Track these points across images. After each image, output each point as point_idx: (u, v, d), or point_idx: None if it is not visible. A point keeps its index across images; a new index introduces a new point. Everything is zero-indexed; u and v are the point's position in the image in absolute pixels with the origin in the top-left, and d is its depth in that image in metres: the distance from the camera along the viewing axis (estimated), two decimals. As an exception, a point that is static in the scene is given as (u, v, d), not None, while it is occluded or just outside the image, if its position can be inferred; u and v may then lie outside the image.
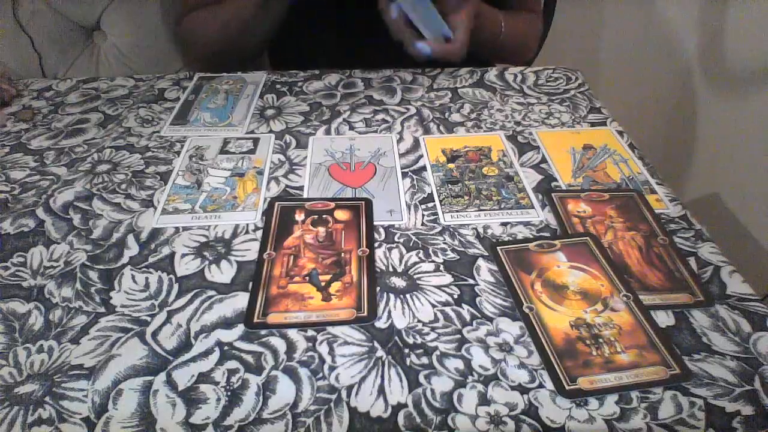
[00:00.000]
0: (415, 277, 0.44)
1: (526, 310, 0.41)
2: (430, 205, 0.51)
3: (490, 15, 0.74)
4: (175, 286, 0.43)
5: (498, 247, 0.46)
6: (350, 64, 0.75)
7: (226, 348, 0.38)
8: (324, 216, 0.49)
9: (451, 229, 0.48)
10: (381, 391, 0.36)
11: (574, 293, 0.42)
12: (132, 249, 0.46)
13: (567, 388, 0.35)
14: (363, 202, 0.51)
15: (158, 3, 0.87)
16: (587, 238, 0.46)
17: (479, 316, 0.41)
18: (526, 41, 0.83)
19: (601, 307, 0.41)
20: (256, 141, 0.60)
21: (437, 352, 0.38)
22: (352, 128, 0.63)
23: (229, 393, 0.36)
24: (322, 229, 0.48)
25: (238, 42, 0.75)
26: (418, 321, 0.40)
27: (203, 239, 0.47)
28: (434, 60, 0.67)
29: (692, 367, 0.37)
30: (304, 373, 0.37)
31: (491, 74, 0.73)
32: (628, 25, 1.31)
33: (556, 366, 0.37)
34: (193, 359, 0.38)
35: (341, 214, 0.50)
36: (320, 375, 0.37)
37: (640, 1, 1.28)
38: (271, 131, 0.62)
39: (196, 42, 0.78)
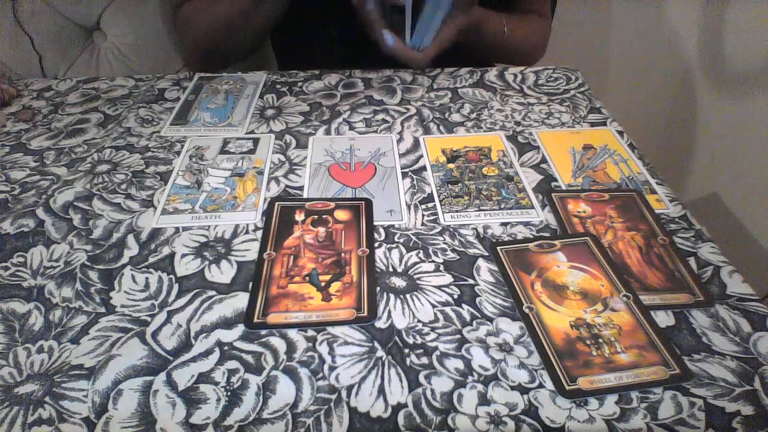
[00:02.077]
0: (415, 277, 0.44)
1: (526, 310, 0.41)
2: (430, 205, 0.51)
3: (492, 19, 0.75)
4: (175, 286, 0.43)
5: (498, 247, 0.46)
6: (352, 62, 0.74)
7: (226, 348, 0.38)
8: (324, 216, 0.49)
9: (451, 229, 0.48)
10: (381, 391, 0.36)
11: (574, 293, 0.42)
12: (132, 249, 0.46)
13: (567, 388, 0.35)
14: (363, 202, 0.51)
15: (158, 3, 0.87)
16: (587, 238, 0.46)
17: (479, 316, 0.41)
18: (531, 44, 0.83)
19: (601, 307, 0.41)
20: (256, 141, 0.60)
21: (437, 352, 0.38)
22: (352, 128, 0.63)
23: (229, 393, 0.36)
24: (322, 229, 0.48)
25: (228, 38, 0.75)
26: (418, 321, 0.40)
27: (203, 239, 0.47)
28: (393, 58, 0.67)
29: (692, 367, 0.37)
30: (304, 373, 0.37)
31: (491, 74, 0.73)
32: (629, 25, 1.31)
33: (556, 366, 0.37)
34: (193, 359, 0.38)
35: (341, 214, 0.50)
36: (320, 375, 0.37)
37: (640, 1, 1.28)
38: (271, 131, 0.62)
39: (188, 33, 0.78)
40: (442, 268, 0.45)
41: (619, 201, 0.51)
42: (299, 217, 0.49)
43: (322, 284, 0.43)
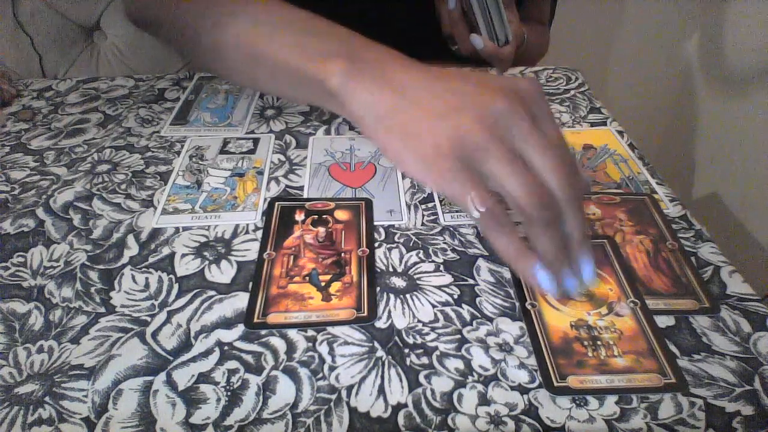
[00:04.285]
0: (415, 277, 0.44)
1: (528, 307, 0.40)
2: (430, 205, 0.51)
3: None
4: (175, 286, 0.43)
5: None
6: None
7: (226, 348, 0.38)
8: (324, 216, 0.49)
9: (451, 229, 0.48)
10: (381, 391, 0.36)
11: (580, 294, 0.42)
12: (132, 249, 0.46)
13: (555, 384, 0.36)
14: (363, 202, 0.51)
15: (158, 3, 0.87)
16: (605, 241, 0.46)
17: (479, 316, 0.41)
18: (537, 52, 0.84)
19: (605, 310, 0.41)
20: (256, 141, 0.60)
21: (437, 352, 0.38)
22: (352, 128, 0.63)
23: (229, 393, 0.36)
24: (322, 229, 0.48)
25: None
26: (418, 321, 0.40)
27: (203, 239, 0.47)
28: (474, 58, 0.65)
29: (692, 367, 0.37)
30: (304, 373, 0.37)
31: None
32: (629, 25, 1.31)
33: (548, 362, 0.37)
34: (193, 359, 0.38)
35: (341, 214, 0.50)
36: (320, 375, 0.37)
37: (640, 1, 1.28)
38: (271, 131, 0.62)
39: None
40: (442, 268, 0.45)
41: (630, 204, 0.51)
42: (299, 217, 0.49)
43: (322, 284, 0.43)
